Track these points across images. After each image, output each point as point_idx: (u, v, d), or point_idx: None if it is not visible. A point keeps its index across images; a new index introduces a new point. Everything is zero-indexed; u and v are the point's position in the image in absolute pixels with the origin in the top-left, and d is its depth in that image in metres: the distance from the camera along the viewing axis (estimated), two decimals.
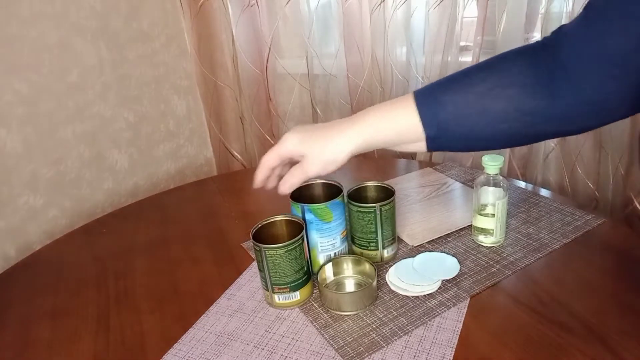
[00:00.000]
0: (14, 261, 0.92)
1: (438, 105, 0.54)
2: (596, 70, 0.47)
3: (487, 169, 0.72)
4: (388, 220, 0.72)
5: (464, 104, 0.53)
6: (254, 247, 0.65)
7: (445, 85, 0.55)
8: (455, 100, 0.53)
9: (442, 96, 0.54)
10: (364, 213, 0.71)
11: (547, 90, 0.50)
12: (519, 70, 0.52)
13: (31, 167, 1.00)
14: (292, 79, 1.36)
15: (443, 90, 0.55)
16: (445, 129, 0.54)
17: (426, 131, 0.55)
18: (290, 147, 0.60)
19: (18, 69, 0.96)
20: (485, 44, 1.11)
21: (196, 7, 1.26)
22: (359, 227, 0.72)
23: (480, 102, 0.52)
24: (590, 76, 0.48)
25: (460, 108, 0.53)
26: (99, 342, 0.66)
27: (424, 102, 0.55)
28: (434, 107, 0.54)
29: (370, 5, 1.17)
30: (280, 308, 0.68)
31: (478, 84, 0.53)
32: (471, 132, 0.54)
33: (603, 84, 0.47)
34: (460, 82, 0.55)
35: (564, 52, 0.49)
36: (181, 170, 1.38)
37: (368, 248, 0.73)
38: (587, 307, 0.62)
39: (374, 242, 0.72)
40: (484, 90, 0.52)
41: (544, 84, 0.50)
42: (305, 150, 0.59)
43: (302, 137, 0.60)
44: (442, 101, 0.54)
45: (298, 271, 0.66)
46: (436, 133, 0.55)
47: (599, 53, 0.46)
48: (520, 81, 0.51)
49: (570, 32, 0.50)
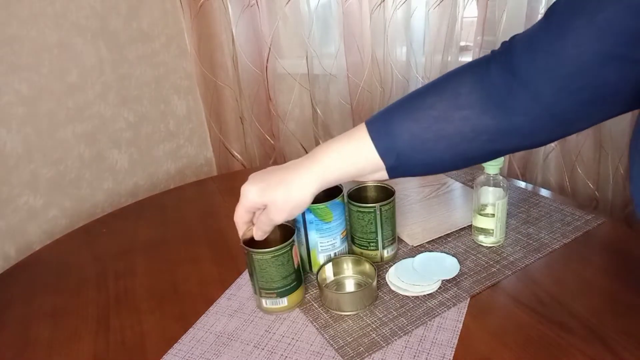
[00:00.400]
0: (14, 261, 0.92)
1: (393, 135, 0.53)
2: (553, 84, 0.45)
3: (487, 169, 0.72)
4: (388, 220, 0.72)
5: (419, 131, 0.52)
6: (243, 250, 0.65)
7: (397, 113, 0.54)
8: (409, 127, 0.52)
9: (396, 126, 0.53)
10: (364, 213, 0.71)
11: (503, 106, 0.48)
12: (470, 90, 0.50)
13: (31, 167, 1.00)
14: (292, 79, 1.36)
15: (396, 120, 0.53)
16: (405, 158, 0.54)
17: (385, 162, 0.54)
18: (253, 199, 0.59)
19: (18, 69, 0.96)
20: (485, 44, 1.11)
21: (196, 7, 1.26)
22: (359, 227, 0.72)
23: (435, 126, 0.51)
24: (547, 89, 0.45)
25: (415, 135, 0.52)
26: (99, 342, 0.66)
27: (379, 135, 0.54)
28: (389, 138, 0.53)
29: (370, 5, 1.17)
30: (269, 313, 0.67)
31: (430, 108, 0.51)
32: (431, 157, 0.53)
33: (562, 98, 0.45)
34: (411, 108, 0.53)
35: (518, 64, 0.46)
36: (181, 170, 1.38)
37: (368, 248, 0.73)
38: (587, 307, 0.62)
39: (374, 242, 0.72)
40: (437, 115, 0.51)
41: (499, 101, 0.48)
42: (268, 200, 0.58)
43: (262, 187, 0.59)
44: (396, 131, 0.53)
45: (286, 277, 0.65)
46: (395, 162, 0.54)
47: (556, 66, 0.44)
48: (472, 101, 0.49)
49: (526, 42, 0.47)
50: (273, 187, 0.58)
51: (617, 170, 1.05)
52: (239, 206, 0.61)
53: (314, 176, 0.57)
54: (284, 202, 0.58)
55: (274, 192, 0.58)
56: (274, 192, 0.58)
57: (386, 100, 1.25)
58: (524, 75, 0.46)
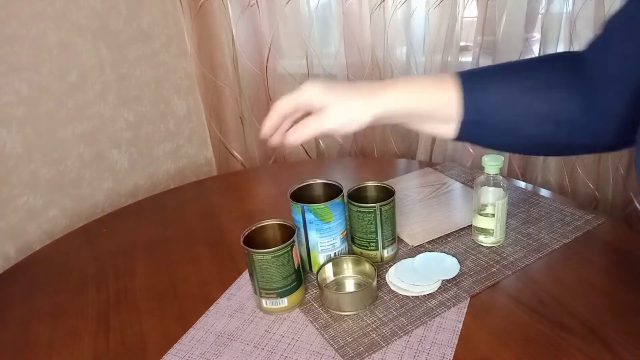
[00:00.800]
0: (14, 261, 0.92)
1: (483, 90, 0.51)
2: (621, 91, 0.46)
3: (487, 169, 0.72)
4: (388, 220, 0.72)
5: (509, 97, 0.50)
6: (243, 250, 0.65)
7: (491, 73, 0.53)
8: (501, 90, 0.51)
9: (488, 84, 0.51)
10: (364, 213, 0.71)
11: (585, 98, 0.49)
12: (562, 74, 0.50)
13: (31, 167, 1.00)
14: (292, 79, 1.36)
15: (490, 78, 0.52)
16: (483, 117, 0.51)
17: (464, 114, 0.51)
18: (311, 95, 0.53)
19: (18, 69, 0.96)
20: (485, 44, 1.11)
21: (196, 7, 1.26)
22: (359, 227, 0.72)
23: (524, 98, 0.50)
24: (616, 96, 0.46)
25: (504, 99, 0.50)
26: (99, 342, 0.66)
27: (469, 84, 0.51)
28: (478, 91, 0.51)
29: (370, 5, 1.17)
30: (269, 313, 0.67)
31: (525, 79, 0.51)
32: (507, 127, 0.51)
33: (630, 103, 0.46)
34: (506, 73, 0.52)
35: (591, 72, 0.48)
36: (181, 170, 1.38)
37: (368, 248, 0.73)
38: (587, 307, 0.62)
39: (374, 242, 0.72)
40: (530, 86, 0.50)
41: (583, 92, 0.49)
42: (329, 101, 0.52)
43: (326, 88, 0.53)
44: (487, 88, 0.51)
45: (286, 277, 0.65)
46: (472, 118, 0.51)
47: (622, 76, 0.45)
48: (564, 83, 0.49)
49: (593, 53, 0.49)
50: (339, 91, 0.53)
51: (617, 170, 1.05)
52: (290, 97, 0.54)
53: (386, 97, 0.52)
54: (344, 109, 0.52)
55: (338, 96, 0.53)
56: (338, 96, 0.53)
57: None
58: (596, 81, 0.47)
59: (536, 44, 1.10)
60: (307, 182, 0.74)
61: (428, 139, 1.25)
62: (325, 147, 1.40)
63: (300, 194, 0.72)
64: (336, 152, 1.40)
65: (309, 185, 0.74)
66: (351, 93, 0.53)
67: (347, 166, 1.20)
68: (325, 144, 1.39)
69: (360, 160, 1.30)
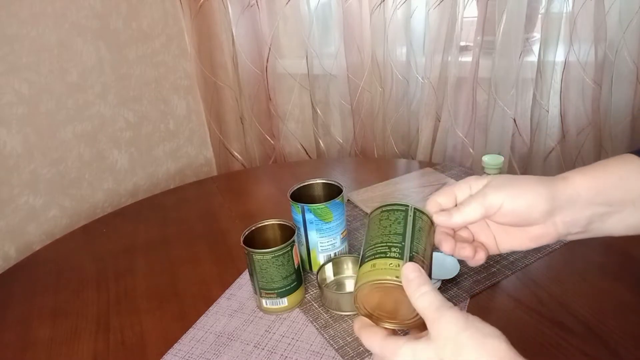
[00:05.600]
0: (14, 261, 0.93)
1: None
2: None
3: (487, 169, 0.72)
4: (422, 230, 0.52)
5: None
6: (244, 250, 0.65)
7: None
8: None
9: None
10: (391, 212, 0.51)
11: None
12: None
13: (31, 167, 1.00)
14: (292, 79, 1.36)
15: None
16: None
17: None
18: (497, 203, 0.44)
19: (18, 69, 0.96)
20: (485, 44, 1.11)
21: (196, 7, 1.26)
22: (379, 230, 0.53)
23: None
24: None
25: None
26: (99, 342, 0.66)
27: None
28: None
29: (370, 5, 1.17)
30: (269, 313, 0.67)
31: None
32: None
33: None
34: None
35: None
36: (181, 170, 1.38)
37: (387, 255, 0.61)
38: (587, 307, 0.62)
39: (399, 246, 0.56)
40: None
41: None
42: None
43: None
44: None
45: (286, 277, 0.65)
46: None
47: None
48: None
49: None
50: None
51: None
52: (478, 201, 0.44)
53: (563, 186, 0.44)
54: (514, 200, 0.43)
55: None
56: None
57: (386, 100, 1.25)
58: None
59: (536, 44, 1.10)
60: (307, 182, 0.74)
61: (428, 139, 1.25)
62: (325, 147, 1.40)
63: (300, 194, 0.72)
64: (336, 152, 1.40)
65: (309, 185, 0.74)
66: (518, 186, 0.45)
67: (347, 166, 1.20)
68: (325, 144, 1.39)
69: (360, 160, 1.30)
